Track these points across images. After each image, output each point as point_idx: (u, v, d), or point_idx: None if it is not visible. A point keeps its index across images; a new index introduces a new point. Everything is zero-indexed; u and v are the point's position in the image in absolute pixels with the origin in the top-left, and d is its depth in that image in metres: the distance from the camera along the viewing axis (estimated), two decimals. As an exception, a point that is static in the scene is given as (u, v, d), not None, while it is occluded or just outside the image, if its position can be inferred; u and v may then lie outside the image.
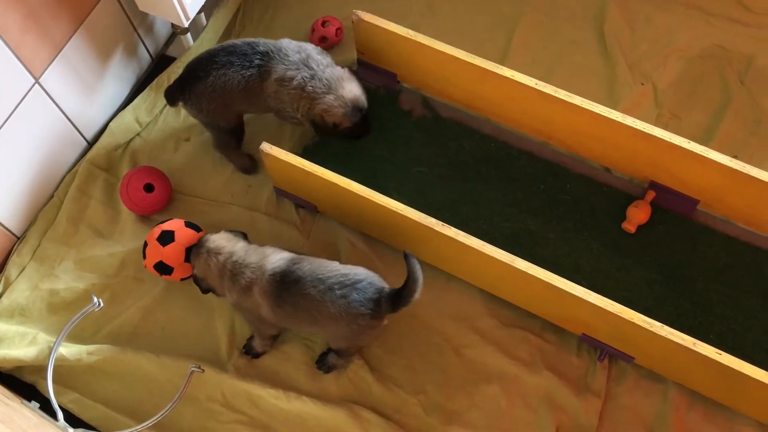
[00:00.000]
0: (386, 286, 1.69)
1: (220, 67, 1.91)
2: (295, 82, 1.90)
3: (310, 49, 1.94)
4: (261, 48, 1.92)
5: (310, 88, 1.90)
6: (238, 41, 1.96)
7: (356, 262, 1.98)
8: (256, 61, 1.92)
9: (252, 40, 1.95)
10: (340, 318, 1.66)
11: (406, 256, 1.63)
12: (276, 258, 1.72)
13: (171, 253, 1.87)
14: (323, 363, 1.87)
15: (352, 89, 1.93)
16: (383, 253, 2.02)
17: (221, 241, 1.77)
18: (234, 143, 2.11)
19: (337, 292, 1.64)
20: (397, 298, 1.65)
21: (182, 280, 1.93)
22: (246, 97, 1.95)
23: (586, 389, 1.85)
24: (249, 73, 1.92)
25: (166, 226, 1.91)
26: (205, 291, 1.83)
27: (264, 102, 1.98)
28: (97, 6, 1.99)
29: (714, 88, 2.22)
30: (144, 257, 1.92)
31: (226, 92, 1.94)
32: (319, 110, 1.91)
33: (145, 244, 1.91)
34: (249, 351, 1.90)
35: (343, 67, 1.96)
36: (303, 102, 1.92)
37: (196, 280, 1.82)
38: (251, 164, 2.16)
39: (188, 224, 1.93)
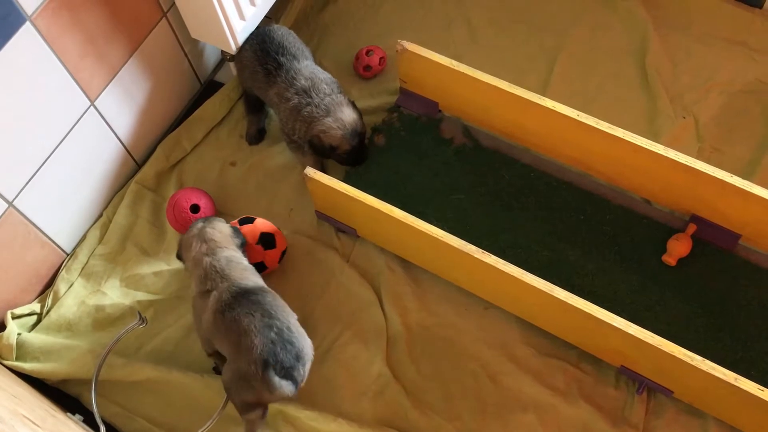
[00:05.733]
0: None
1: (253, 38, 2.10)
2: (291, 104, 2.00)
3: (320, 79, 2.02)
4: (281, 58, 2.03)
5: (306, 113, 1.98)
6: (280, 35, 2.09)
7: (393, 286, 2.01)
8: (269, 66, 2.04)
9: (287, 42, 2.07)
10: (251, 359, 1.62)
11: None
12: (253, 279, 1.77)
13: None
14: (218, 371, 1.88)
15: (350, 113, 2.00)
16: (420, 278, 2.04)
17: (217, 234, 1.82)
18: (248, 108, 2.24)
19: (271, 334, 1.63)
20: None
21: None
22: (252, 81, 2.11)
23: (623, 422, 1.84)
24: (258, 69, 2.06)
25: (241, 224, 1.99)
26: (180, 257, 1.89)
27: (267, 102, 2.12)
28: (151, 33, 2.07)
29: (756, 122, 2.21)
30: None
31: (243, 63, 2.12)
32: (318, 131, 1.98)
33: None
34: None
35: (344, 96, 2.03)
36: (299, 124, 2.01)
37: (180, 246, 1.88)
38: (254, 136, 2.26)
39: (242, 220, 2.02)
